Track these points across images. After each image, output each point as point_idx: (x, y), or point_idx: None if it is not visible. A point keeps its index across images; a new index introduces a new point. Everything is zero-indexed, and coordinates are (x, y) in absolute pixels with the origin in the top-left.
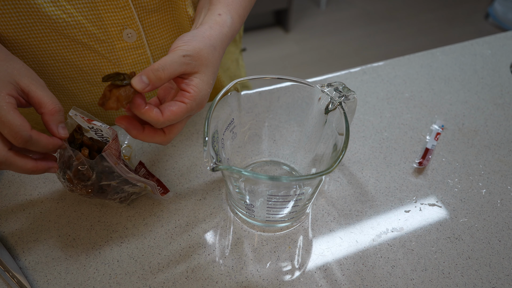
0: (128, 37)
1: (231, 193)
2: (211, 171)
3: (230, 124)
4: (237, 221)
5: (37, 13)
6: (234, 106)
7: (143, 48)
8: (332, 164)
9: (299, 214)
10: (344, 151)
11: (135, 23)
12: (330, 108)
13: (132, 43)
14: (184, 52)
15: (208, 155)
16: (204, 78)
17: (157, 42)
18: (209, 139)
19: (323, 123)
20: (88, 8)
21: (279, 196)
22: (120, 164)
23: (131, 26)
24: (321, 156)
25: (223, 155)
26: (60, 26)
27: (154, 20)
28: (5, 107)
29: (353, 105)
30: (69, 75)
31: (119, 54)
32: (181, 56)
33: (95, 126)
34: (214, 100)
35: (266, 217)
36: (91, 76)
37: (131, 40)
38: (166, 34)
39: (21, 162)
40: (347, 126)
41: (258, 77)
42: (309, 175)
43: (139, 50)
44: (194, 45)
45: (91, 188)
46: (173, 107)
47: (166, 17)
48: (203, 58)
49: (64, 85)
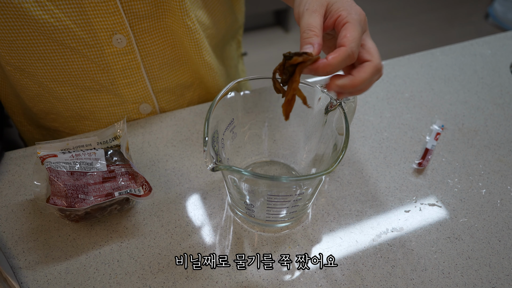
0: (118, 42)
1: (231, 193)
2: (211, 171)
3: (230, 124)
4: (237, 221)
5: (24, 16)
6: (234, 106)
7: (133, 53)
8: (332, 164)
9: (299, 214)
10: (344, 151)
11: (125, 29)
12: (330, 108)
13: (122, 49)
14: (305, 7)
15: (208, 155)
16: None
17: (148, 48)
18: (209, 139)
19: (323, 123)
20: (77, 13)
21: (279, 196)
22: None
23: (121, 31)
24: (321, 156)
25: (223, 155)
26: (48, 30)
27: (145, 26)
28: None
29: (353, 105)
30: (58, 78)
31: (109, 59)
32: (305, 11)
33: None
34: (213, 101)
35: (266, 217)
36: (79, 80)
37: (121, 45)
38: (158, 40)
39: None
40: (347, 126)
41: (258, 77)
42: (309, 175)
43: (129, 56)
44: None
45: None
46: (343, 32)
47: (158, 24)
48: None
49: (53, 88)
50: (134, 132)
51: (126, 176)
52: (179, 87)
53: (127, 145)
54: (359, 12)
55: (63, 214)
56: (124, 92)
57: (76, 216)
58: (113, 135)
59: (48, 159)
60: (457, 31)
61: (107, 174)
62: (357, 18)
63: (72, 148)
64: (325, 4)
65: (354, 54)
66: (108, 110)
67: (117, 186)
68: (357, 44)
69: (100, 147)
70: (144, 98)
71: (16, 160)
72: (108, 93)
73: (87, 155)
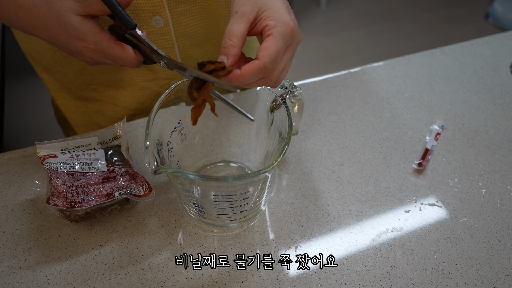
0: (156, 23)
1: (179, 195)
2: (153, 174)
3: (177, 125)
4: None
5: None
6: (181, 107)
7: (169, 34)
8: (273, 162)
9: (250, 213)
10: (286, 148)
11: (164, 11)
12: (275, 106)
13: (159, 29)
14: (236, 9)
15: (149, 158)
16: (270, 5)
17: (183, 29)
18: (150, 143)
19: (270, 121)
20: None
21: (222, 196)
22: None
23: (160, 13)
24: (271, 154)
25: (171, 158)
26: None
27: (183, 9)
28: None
29: (300, 102)
30: None
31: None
32: (234, 13)
33: None
34: (155, 105)
35: (217, 217)
36: None
37: (158, 26)
38: (193, 22)
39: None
40: (290, 122)
41: (205, 78)
42: (242, 176)
43: (165, 36)
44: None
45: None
46: (264, 44)
47: (195, 8)
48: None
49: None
50: (134, 132)
51: (126, 176)
52: None
53: (127, 145)
54: (286, 24)
55: (63, 214)
56: (158, 69)
57: (76, 216)
58: (113, 135)
59: (48, 159)
60: (457, 31)
61: (107, 174)
62: (283, 31)
63: (72, 148)
64: (256, 10)
65: (267, 68)
66: (143, 84)
67: (117, 186)
68: (272, 60)
69: (100, 147)
70: (174, 75)
71: (16, 160)
72: (144, 68)
73: (87, 155)
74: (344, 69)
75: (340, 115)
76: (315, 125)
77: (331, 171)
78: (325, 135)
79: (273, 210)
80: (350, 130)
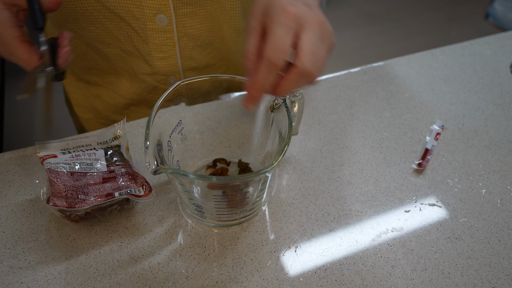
0: (160, 21)
1: (179, 195)
2: (153, 174)
3: (177, 125)
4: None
5: None
6: (181, 107)
7: (171, 33)
8: (273, 162)
9: (250, 213)
10: (286, 148)
11: (168, 10)
12: (275, 106)
13: (162, 27)
14: (249, 21)
15: (149, 158)
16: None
17: (186, 30)
18: (150, 143)
19: (270, 121)
20: None
21: (221, 196)
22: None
23: (165, 12)
24: (270, 154)
25: (171, 158)
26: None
27: (188, 11)
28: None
29: (300, 102)
30: (105, 40)
31: (149, 34)
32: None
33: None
34: (155, 105)
35: (217, 217)
36: (123, 44)
37: (162, 24)
38: (197, 25)
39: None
40: (290, 122)
41: (205, 77)
42: (242, 176)
43: (167, 34)
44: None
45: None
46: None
47: (200, 11)
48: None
49: (100, 48)
50: (134, 132)
51: (126, 176)
52: (207, 68)
53: (127, 145)
54: (283, 12)
55: (63, 215)
56: (157, 64)
57: (76, 216)
58: (113, 135)
59: (48, 159)
60: (457, 31)
61: (107, 175)
62: (280, 19)
63: (72, 149)
64: (259, 18)
65: (272, 59)
66: (141, 76)
67: (117, 187)
68: (271, 47)
69: (100, 147)
70: (173, 73)
71: (16, 160)
72: (144, 61)
73: (87, 155)
74: (344, 69)
75: (340, 115)
76: (315, 125)
77: (331, 171)
78: (325, 135)
79: (273, 210)
80: (350, 130)
